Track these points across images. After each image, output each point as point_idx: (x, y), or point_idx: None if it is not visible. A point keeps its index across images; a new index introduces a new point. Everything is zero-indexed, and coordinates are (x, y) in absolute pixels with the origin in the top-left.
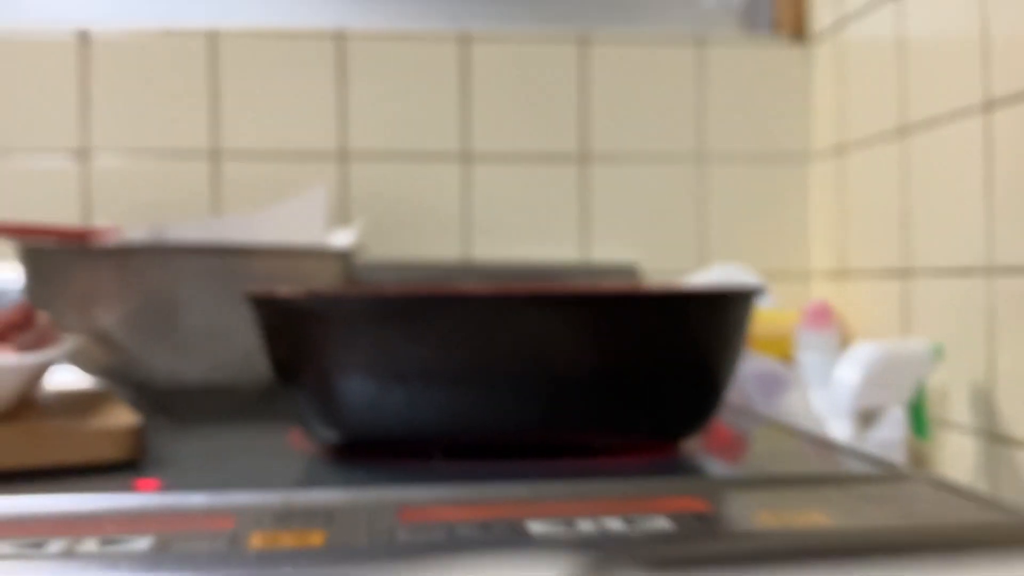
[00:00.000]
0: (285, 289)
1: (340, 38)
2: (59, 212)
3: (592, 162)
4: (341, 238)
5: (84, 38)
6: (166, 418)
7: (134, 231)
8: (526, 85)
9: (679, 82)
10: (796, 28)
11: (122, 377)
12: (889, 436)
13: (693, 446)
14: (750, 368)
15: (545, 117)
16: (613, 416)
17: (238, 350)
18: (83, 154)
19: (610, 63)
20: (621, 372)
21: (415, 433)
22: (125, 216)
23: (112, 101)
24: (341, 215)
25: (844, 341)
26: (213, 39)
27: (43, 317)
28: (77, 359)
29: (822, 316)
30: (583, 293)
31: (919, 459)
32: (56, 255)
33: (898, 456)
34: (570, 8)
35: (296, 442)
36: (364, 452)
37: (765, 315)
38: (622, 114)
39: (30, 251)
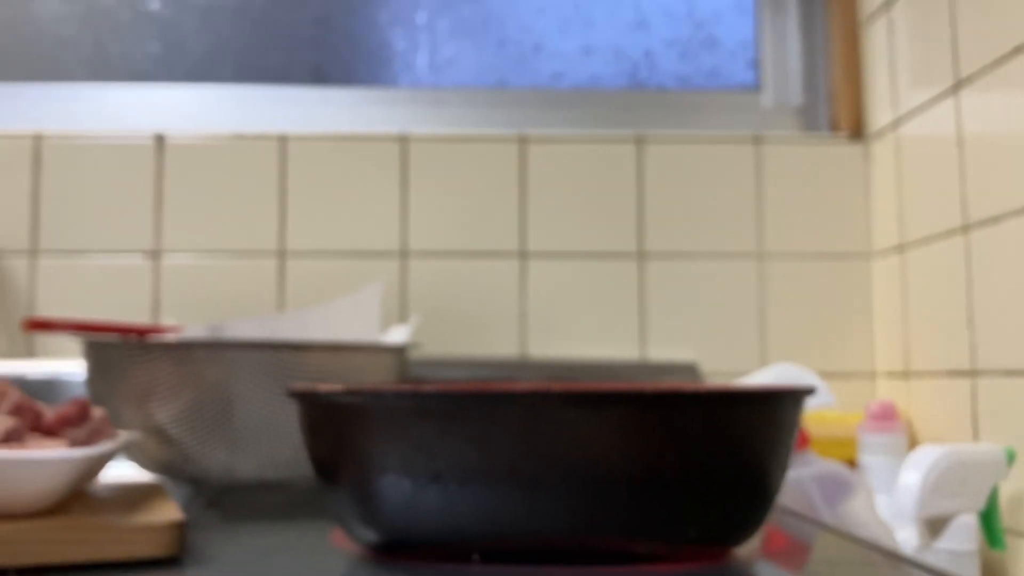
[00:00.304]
0: (324, 385)
1: (403, 141)
2: (131, 310)
3: (651, 260)
4: (396, 334)
5: (159, 142)
6: (218, 514)
7: (193, 328)
8: (585, 185)
9: (738, 181)
10: (855, 128)
11: (178, 472)
12: (960, 546)
13: (748, 553)
14: (813, 471)
15: (604, 217)
16: (657, 520)
17: (291, 446)
18: (155, 254)
19: (668, 162)
20: (665, 474)
21: (453, 535)
22: (194, 313)
23: (185, 202)
24: (401, 312)
25: (913, 444)
26: (283, 143)
27: (97, 412)
28: (134, 454)
29: (886, 417)
30: (623, 392)
31: (993, 572)
32: (115, 350)
33: (969, 569)
34: (628, 112)
35: (339, 541)
36: (403, 553)
37: (828, 416)
38: (681, 213)
39: (91, 346)
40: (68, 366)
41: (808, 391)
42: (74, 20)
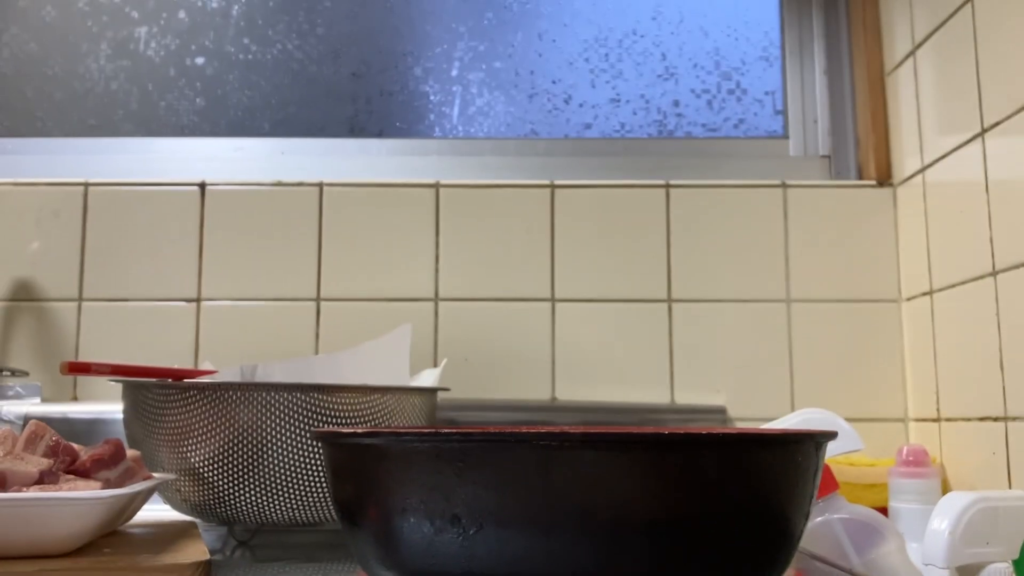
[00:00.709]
0: (346, 427)
1: (436, 189)
2: (173, 354)
3: (679, 306)
4: (426, 378)
5: (202, 190)
6: (248, 554)
7: (227, 372)
8: (614, 232)
9: (766, 227)
10: (882, 174)
11: (210, 513)
12: None
13: None
14: (842, 517)
15: (633, 263)
16: (675, 564)
17: (320, 488)
18: (197, 299)
19: (696, 209)
20: (682, 518)
21: None
22: (234, 357)
23: (225, 248)
24: (434, 356)
25: (946, 490)
26: (320, 191)
27: (131, 454)
28: (168, 495)
29: (918, 462)
30: (639, 435)
31: None
32: (151, 392)
33: None
34: (657, 160)
35: None
36: None
37: (859, 461)
38: (710, 259)
39: (129, 388)
40: (112, 408)
41: (828, 435)
42: (122, 76)
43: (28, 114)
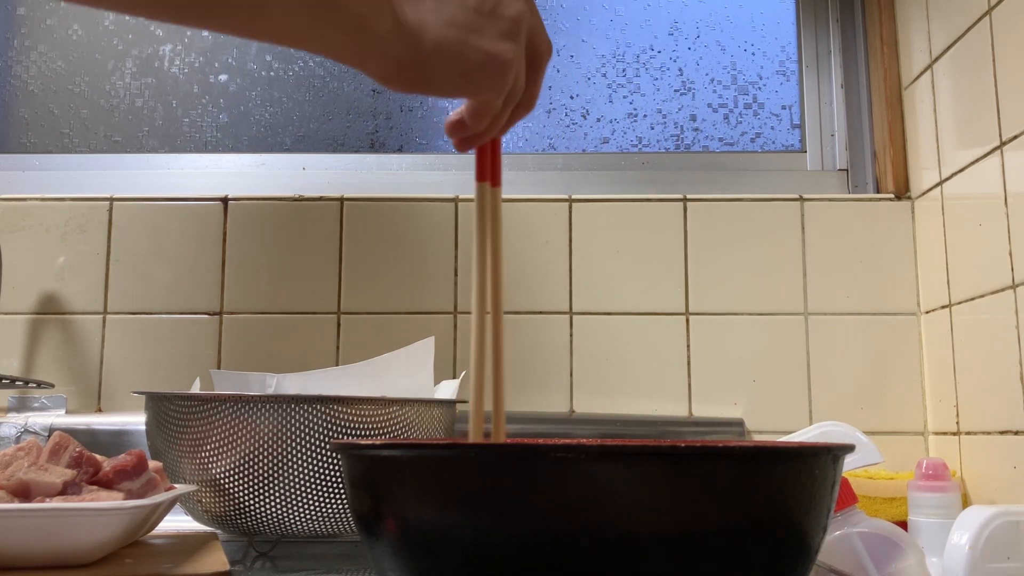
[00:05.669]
0: (364, 439)
1: (455, 203)
2: (196, 365)
3: (698, 319)
4: (445, 389)
5: (224, 205)
6: (269, 565)
7: (249, 383)
8: (631, 245)
9: (784, 241)
10: (900, 187)
11: (231, 524)
12: None
13: None
14: (861, 531)
15: (651, 277)
16: None
17: (341, 499)
18: (220, 311)
19: (714, 223)
20: (697, 531)
21: None
22: (257, 369)
23: (247, 261)
24: (455, 368)
25: (966, 504)
26: (341, 205)
27: (153, 466)
28: (189, 506)
29: (937, 476)
30: (654, 447)
31: None
32: (173, 404)
33: None
34: (674, 174)
35: None
36: None
37: (878, 475)
38: (727, 273)
39: (152, 400)
40: (135, 420)
41: (845, 448)
42: (147, 93)
43: (55, 130)
